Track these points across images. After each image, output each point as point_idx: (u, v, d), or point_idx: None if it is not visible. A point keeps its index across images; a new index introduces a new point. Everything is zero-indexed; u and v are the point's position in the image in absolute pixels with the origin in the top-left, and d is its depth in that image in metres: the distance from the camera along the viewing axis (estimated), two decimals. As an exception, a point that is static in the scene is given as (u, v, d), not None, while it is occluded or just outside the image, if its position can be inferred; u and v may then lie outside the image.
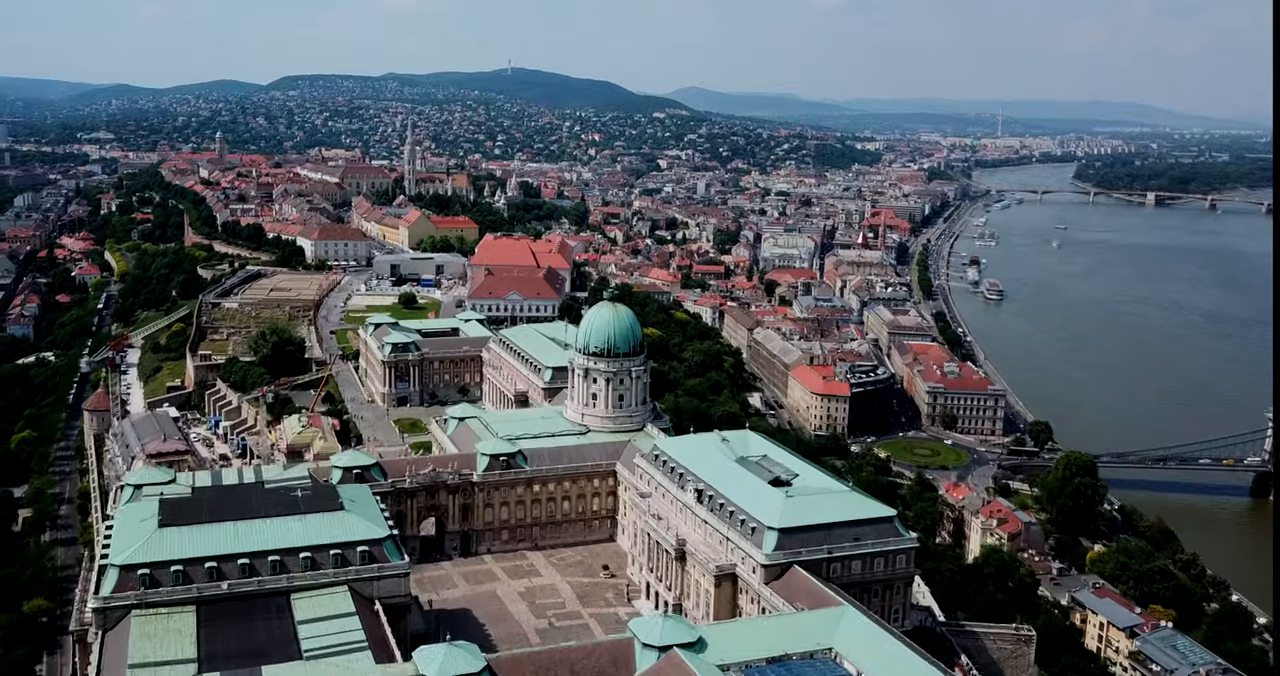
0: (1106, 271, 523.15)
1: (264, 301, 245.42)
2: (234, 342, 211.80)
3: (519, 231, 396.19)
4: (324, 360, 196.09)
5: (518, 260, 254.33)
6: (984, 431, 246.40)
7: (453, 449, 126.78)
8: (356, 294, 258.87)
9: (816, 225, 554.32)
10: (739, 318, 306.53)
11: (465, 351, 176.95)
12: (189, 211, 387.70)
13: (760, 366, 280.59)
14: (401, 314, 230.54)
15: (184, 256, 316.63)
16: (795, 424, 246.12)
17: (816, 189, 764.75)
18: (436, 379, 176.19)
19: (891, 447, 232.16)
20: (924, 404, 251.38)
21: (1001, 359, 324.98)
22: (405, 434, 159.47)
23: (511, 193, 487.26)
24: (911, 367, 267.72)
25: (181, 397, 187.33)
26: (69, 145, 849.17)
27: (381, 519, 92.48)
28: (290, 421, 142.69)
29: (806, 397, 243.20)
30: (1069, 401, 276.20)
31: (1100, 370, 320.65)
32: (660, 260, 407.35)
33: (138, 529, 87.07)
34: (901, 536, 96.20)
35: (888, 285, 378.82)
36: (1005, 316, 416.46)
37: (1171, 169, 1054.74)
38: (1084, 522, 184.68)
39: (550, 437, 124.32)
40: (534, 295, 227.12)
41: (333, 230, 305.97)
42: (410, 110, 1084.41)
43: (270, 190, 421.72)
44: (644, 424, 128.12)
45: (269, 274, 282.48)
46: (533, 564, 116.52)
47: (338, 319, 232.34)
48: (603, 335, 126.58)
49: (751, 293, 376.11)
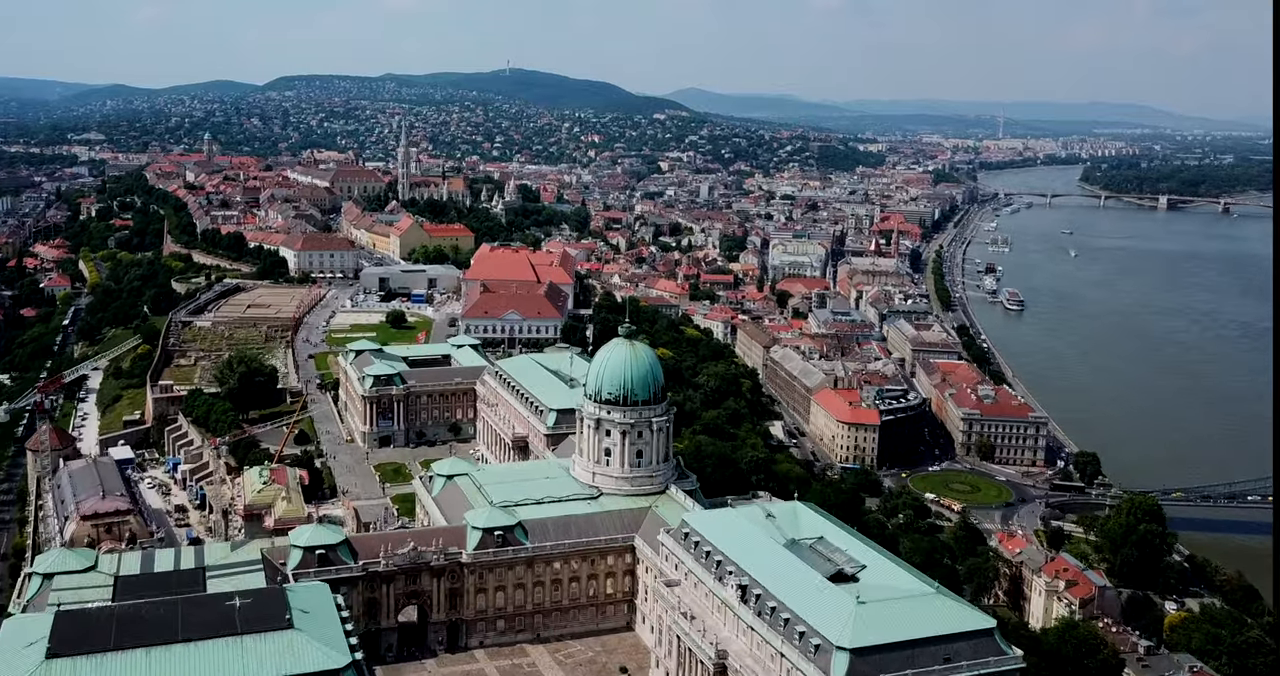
0: (1127, 279, 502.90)
1: (239, 320, 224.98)
2: (202, 368, 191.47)
3: (517, 239, 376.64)
4: (299, 390, 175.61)
5: (516, 274, 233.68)
6: (1024, 461, 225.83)
7: (439, 515, 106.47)
8: (341, 310, 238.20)
9: (825, 231, 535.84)
10: (754, 334, 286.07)
11: (457, 384, 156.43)
12: (169, 218, 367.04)
13: (778, 388, 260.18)
14: (389, 334, 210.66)
15: (159, 267, 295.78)
16: (819, 454, 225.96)
17: (822, 192, 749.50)
18: (424, 416, 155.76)
19: (926, 482, 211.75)
20: (958, 432, 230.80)
21: (1030, 377, 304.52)
22: (386, 483, 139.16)
23: (510, 197, 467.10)
24: (942, 390, 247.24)
25: (139, 434, 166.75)
26: (58, 146, 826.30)
27: (342, 637, 72.12)
28: (251, 475, 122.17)
29: (832, 426, 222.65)
30: (1110, 427, 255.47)
31: (1138, 390, 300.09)
32: (666, 269, 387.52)
33: (20, 658, 66.67)
34: (1005, 655, 75.74)
35: (907, 297, 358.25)
36: (1028, 329, 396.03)
37: (1180, 172, 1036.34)
38: (1152, 575, 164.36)
39: (556, 504, 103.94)
40: (534, 314, 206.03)
41: (318, 239, 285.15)
42: (408, 111, 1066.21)
43: (257, 194, 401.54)
44: (667, 484, 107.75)
45: (248, 287, 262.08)
46: (534, 662, 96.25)
47: (319, 339, 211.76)
48: (617, 380, 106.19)
49: (763, 304, 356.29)
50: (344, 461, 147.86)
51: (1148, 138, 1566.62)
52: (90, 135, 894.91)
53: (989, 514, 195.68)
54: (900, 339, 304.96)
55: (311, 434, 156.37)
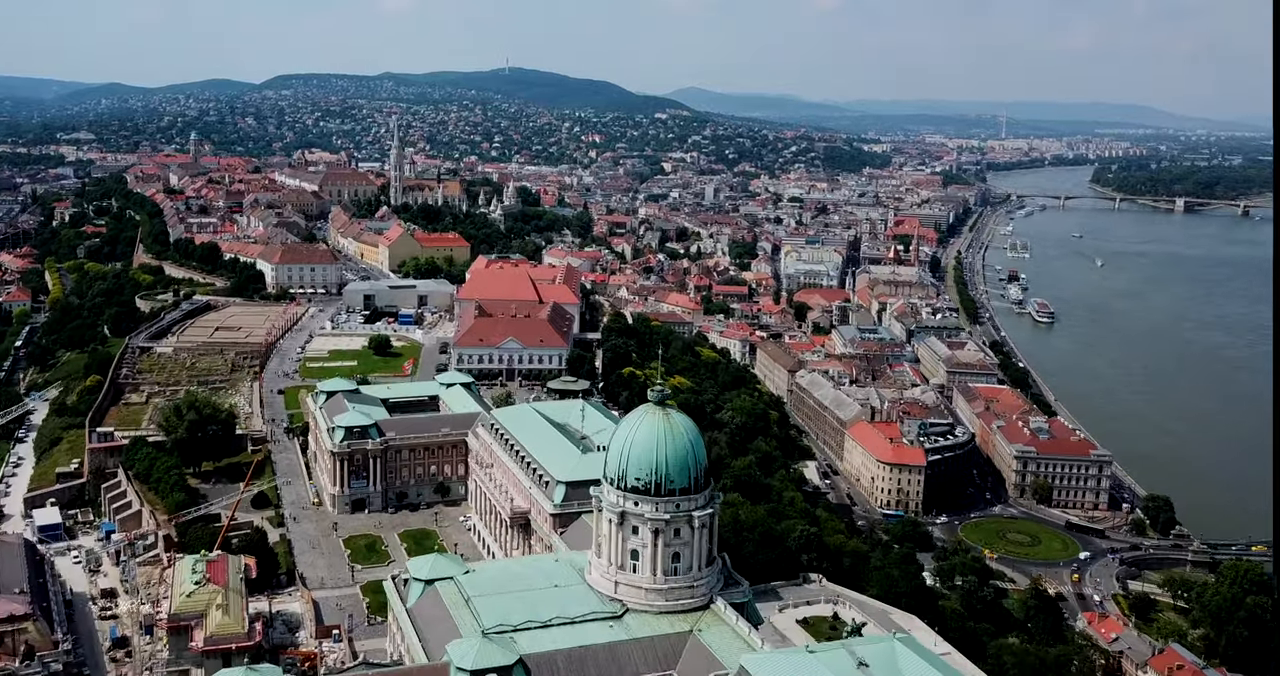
0: (1158, 288, 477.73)
1: (204, 346, 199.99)
2: (155, 407, 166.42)
3: (516, 247, 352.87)
4: (263, 435, 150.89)
5: (515, 292, 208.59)
6: (1085, 505, 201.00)
7: (414, 639, 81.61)
8: (320, 333, 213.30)
9: (839, 236, 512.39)
10: (776, 356, 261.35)
11: (445, 435, 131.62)
12: (144, 225, 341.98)
13: (806, 417, 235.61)
14: (370, 364, 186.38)
15: (126, 281, 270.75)
16: (856, 496, 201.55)
17: (830, 194, 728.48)
18: (406, 473, 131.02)
19: (979, 532, 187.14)
20: (1010, 471, 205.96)
21: (1073, 401, 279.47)
22: (357, 565, 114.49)
23: (508, 201, 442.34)
24: (986, 421, 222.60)
25: (72, 491, 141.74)
26: (46, 146, 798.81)
27: None
28: (182, 569, 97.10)
29: (870, 466, 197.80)
30: (1173, 463, 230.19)
31: (1193, 416, 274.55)
32: (675, 279, 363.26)
33: None
34: None
35: (935, 310, 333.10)
36: (1061, 343, 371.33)
37: (1192, 173, 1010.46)
38: (1262, 656, 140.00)
39: (567, 627, 79.24)
40: (535, 343, 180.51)
41: (298, 252, 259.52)
42: (405, 110, 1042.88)
43: (241, 199, 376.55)
44: (711, 597, 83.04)
45: (219, 305, 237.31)
46: None
47: (292, 369, 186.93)
48: (648, 462, 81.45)
49: (780, 318, 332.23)
50: (308, 532, 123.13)
51: (1151, 138, 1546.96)
52: (79, 135, 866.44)
53: (1057, 572, 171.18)
54: (932, 358, 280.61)
55: (272, 496, 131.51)
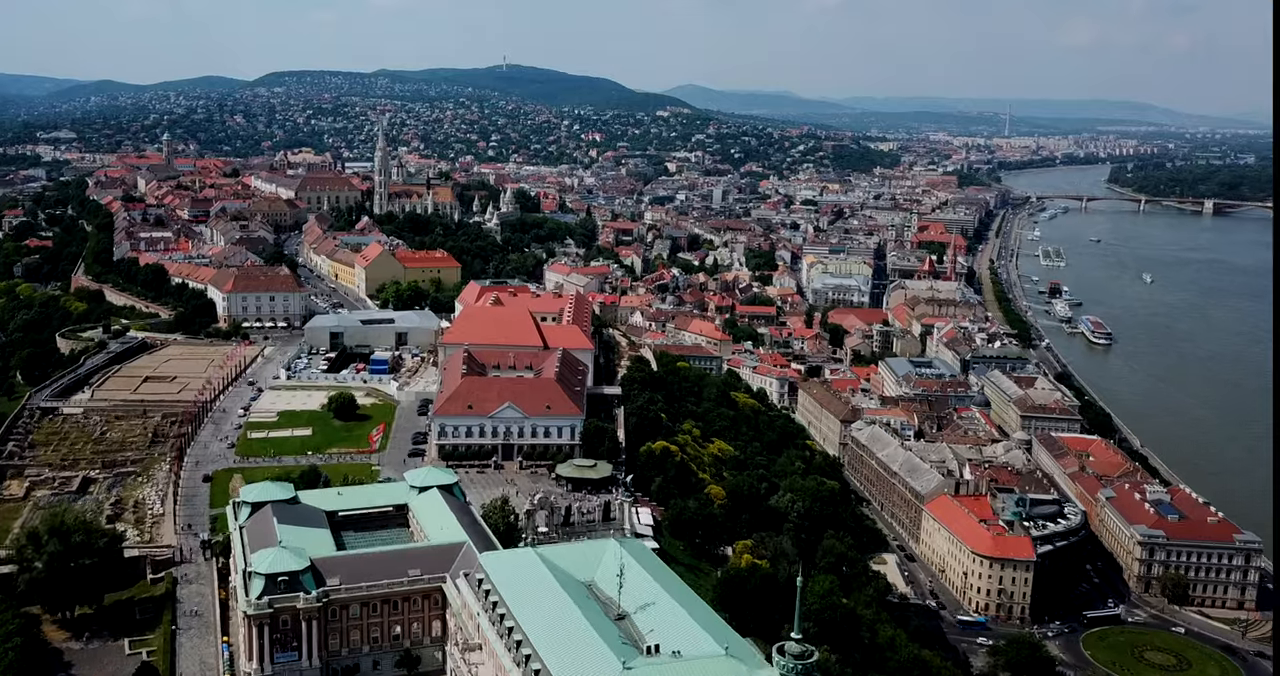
0: (1217, 302, 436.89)
1: (123, 405, 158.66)
2: (34, 503, 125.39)
3: (514, 263, 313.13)
4: (170, 556, 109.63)
5: (515, 335, 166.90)
6: (1228, 603, 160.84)
7: None
8: (273, 384, 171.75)
9: (862, 244, 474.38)
10: (825, 401, 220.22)
11: (413, 581, 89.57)
12: (91, 239, 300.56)
13: (866, 481, 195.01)
14: (328, 433, 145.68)
15: (55, 310, 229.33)
16: (940, 591, 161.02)
17: (843, 196, 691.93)
18: (356, 638, 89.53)
19: (1107, 649, 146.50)
20: (1132, 560, 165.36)
21: (1162, 447, 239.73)
22: None
23: (506, 208, 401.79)
24: (1088, 489, 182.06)
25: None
26: (25, 146, 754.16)
27: None
28: None
29: (962, 557, 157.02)
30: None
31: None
32: (694, 298, 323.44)
33: None
34: None
35: (992, 337, 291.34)
36: (1124, 370, 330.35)
37: (1213, 173, 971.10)
38: None
39: None
40: (541, 411, 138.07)
41: (255, 278, 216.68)
42: (400, 108, 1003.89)
43: (209, 207, 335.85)
44: None
45: (157, 344, 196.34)
46: None
47: (229, 441, 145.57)
48: None
49: (814, 345, 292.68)
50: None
51: (1157, 135, 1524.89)
52: (60, 134, 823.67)
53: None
54: (1001, 400, 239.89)
55: (163, 665, 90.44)
